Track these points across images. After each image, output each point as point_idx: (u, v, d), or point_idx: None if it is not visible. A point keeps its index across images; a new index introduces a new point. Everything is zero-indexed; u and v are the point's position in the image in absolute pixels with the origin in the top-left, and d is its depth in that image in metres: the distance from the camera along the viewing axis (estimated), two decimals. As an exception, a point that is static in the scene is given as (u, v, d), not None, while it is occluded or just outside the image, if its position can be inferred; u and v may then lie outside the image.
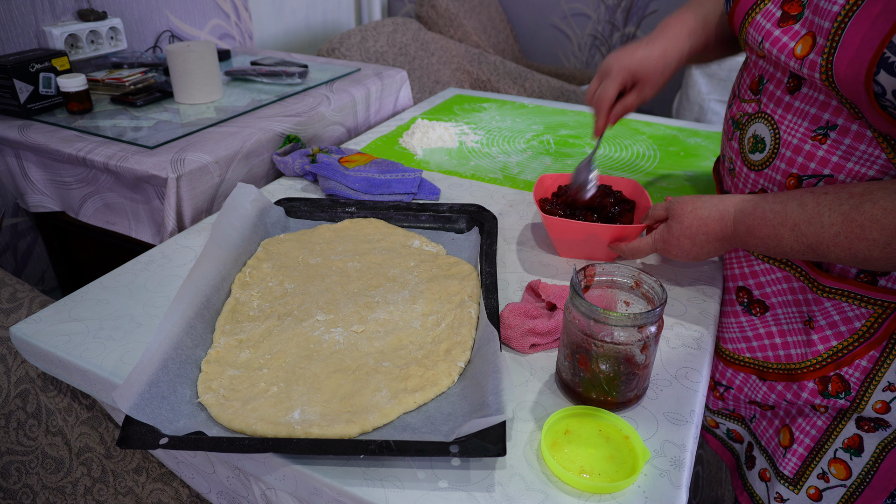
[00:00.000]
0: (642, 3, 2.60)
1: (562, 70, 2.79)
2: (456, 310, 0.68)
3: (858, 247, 0.54)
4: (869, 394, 0.64)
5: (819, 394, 0.67)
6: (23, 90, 1.13)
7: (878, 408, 0.64)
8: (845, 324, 0.64)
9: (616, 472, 0.51)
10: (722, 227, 0.64)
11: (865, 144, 0.56)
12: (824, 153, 0.59)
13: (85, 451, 0.80)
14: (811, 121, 0.60)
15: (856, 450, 0.66)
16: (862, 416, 0.65)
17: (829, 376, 0.66)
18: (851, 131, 0.57)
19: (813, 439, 0.69)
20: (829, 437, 0.68)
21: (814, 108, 0.60)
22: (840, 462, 0.67)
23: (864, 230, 0.53)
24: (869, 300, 0.62)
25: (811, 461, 0.69)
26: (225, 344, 0.63)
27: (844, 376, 0.65)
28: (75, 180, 1.10)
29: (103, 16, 1.43)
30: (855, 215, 0.53)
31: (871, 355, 0.63)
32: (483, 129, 1.30)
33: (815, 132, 0.60)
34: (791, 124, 0.62)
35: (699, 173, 1.09)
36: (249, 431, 0.52)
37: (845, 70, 0.51)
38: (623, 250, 0.75)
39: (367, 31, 2.00)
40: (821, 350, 0.66)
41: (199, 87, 1.24)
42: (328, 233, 0.84)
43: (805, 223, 0.57)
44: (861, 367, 0.64)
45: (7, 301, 0.82)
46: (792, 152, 0.62)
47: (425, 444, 0.51)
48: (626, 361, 0.55)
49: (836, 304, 0.64)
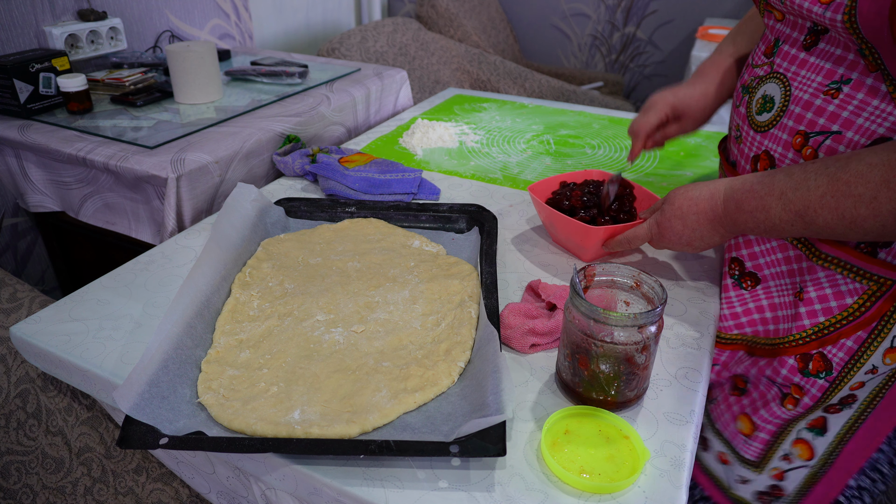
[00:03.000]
0: (642, 3, 2.60)
1: (562, 70, 2.79)
2: (456, 310, 0.68)
3: (845, 205, 0.53)
4: (851, 375, 0.63)
5: (798, 371, 0.66)
6: (23, 90, 1.13)
7: (853, 386, 0.63)
8: (836, 298, 0.63)
9: (616, 472, 0.51)
10: (712, 205, 0.64)
11: (878, 100, 0.56)
12: (835, 108, 0.59)
13: (85, 451, 0.80)
14: (825, 75, 0.60)
15: (819, 429, 0.66)
16: (832, 405, 0.65)
17: (810, 354, 0.65)
18: (865, 85, 0.57)
19: (777, 426, 0.68)
20: (793, 424, 0.67)
21: (829, 62, 0.59)
22: (803, 442, 0.67)
23: (850, 186, 0.52)
24: (865, 274, 0.61)
25: (774, 444, 0.69)
26: (225, 344, 0.63)
27: (827, 355, 0.64)
28: (75, 180, 1.10)
29: (103, 16, 1.43)
30: (840, 174, 0.53)
31: (858, 336, 0.62)
32: (483, 129, 1.30)
33: (829, 86, 0.59)
34: (804, 80, 0.62)
35: (699, 173, 1.09)
36: (249, 431, 0.52)
37: (869, 8, 0.51)
38: (619, 240, 0.75)
39: (367, 31, 2.01)
40: (806, 325, 0.65)
41: (199, 87, 1.24)
42: (328, 233, 0.84)
43: (792, 189, 0.57)
44: (846, 347, 0.63)
45: (7, 301, 0.82)
46: (802, 108, 0.62)
47: (425, 444, 0.51)
48: (626, 361, 0.55)
49: (830, 275, 0.63)
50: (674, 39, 2.62)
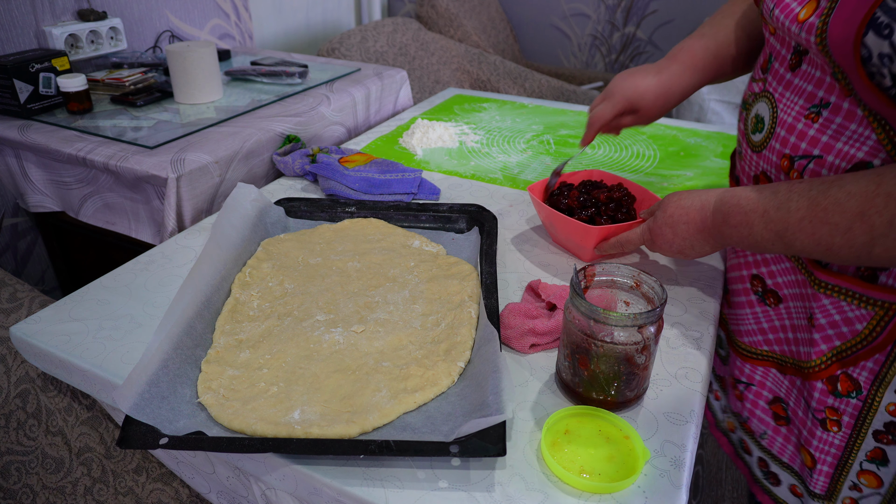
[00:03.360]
0: (642, 3, 2.60)
1: (562, 70, 2.79)
2: (456, 310, 0.68)
3: (821, 232, 0.52)
4: (880, 395, 0.62)
5: (830, 393, 0.65)
6: (23, 90, 1.13)
7: (891, 410, 0.62)
8: (846, 325, 0.62)
9: (616, 472, 0.51)
10: (702, 216, 0.64)
11: (856, 124, 0.55)
12: (815, 132, 0.58)
13: (85, 451, 0.80)
14: (807, 98, 0.59)
15: (881, 461, 0.64)
16: (878, 430, 0.63)
17: (836, 375, 0.64)
18: (843, 109, 0.56)
19: (835, 457, 0.67)
20: (850, 453, 0.66)
21: (811, 84, 0.58)
22: (869, 473, 0.65)
23: (827, 213, 0.52)
24: (868, 300, 0.60)
25: (839, 475, 0.67)
26: (225, 344, 0.63)
27: (853, 375, 0.63)
28: (75, 180, 1.10)
29: (103, 16, 1.43)
30: (820, 199, 0.52)
31: (877, 359, 0.61)
32: (483, 129, 1.30)
33: (809, 110, 0.59)
34: (788, 102, 0.61)
35: (699, 173, 1.09)
36: (249, 431, 0.52)
37: (839, 31, 0.50)
38: (612, 243, 0.75)
39: (367, 31, 2.00)
40: (824, 350, 0.64)
41: (199, 87, 1.24)
42: (328, 233, 0.84)
43: (774, 209, 0.56)
44: (868, 368, 0.62)
45: (7, 301, 0.82)
46: (786, 131, 0.61)
47: (425, 444, 0.51)
48: (626, 361, 0.55)
49: (834, 302, 0.62)
50: (674, 39, 2.62)
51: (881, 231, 0.49)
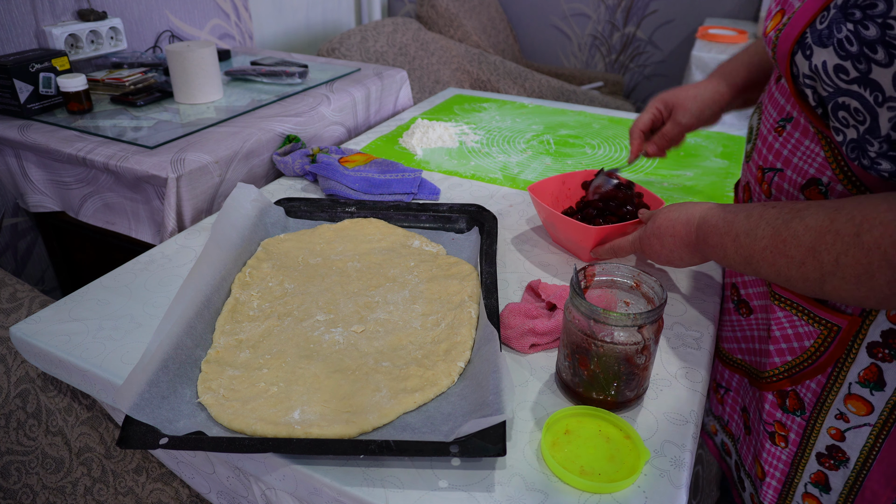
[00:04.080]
0: (642, 3, 2.60)
1: (562, 70, 2.79)
2: (456, 310, 0.68)
3: (780, 263, 0.52)
4: (822, 417, 0.62)
5: (779, 407, 0.65)
6: (23, 90, 1.13)
7: (832, 433, 0.62)
8: (797, 340, 0.62)
9: (616, 472, 0.51)
10: (687, 231, 0.64)
11: (808, 139, 0.55)
12: (779, 145, 0.59)
13: (85, 451, 0.80)
14: (778, 111, 0.60)
15: (823, 486, 0.64)
16: (821, 453, 0.63)
17: (786, 391, 0.64)
18: (800, 124, 0.56)
19: (783, 472, 0.67)
20: (796, 471, 0.66)
21: (783, 98, 0.59)
22: (812, 497, 0.66)
23: (786, 246, 0.51)
24: (816, 318, 0.59)
25: (787, 492, 0.68)
26: (225, 344, 0.63)
27: (799, 394, 0.63)
28: (75, 180, 1.10)
29: (103, 16, 1.43)
30: (782, 230, 0.52)
31: (818, 380, 0.61)
32: (483, 129, 1.30)
33: (779, 123, 0.59)
34: (767, 114, 0.62)
35: (699, 173, 1.09)
36: (249, 431, 0.52)
37: (781, 47, 0.51)
38: (606, 249, 0.76)
39: (367, 31, 2.01)
40: (777, 363, 0.64)
41: (199, 87, 1.24)
42: (328, 233, 0.84)
43: (744, 234, 0.56)
44: (812, 388, 0.62)
45: (7, 301, 0.82)
46: (761, 143, 0.62)
47: (425, 444, 0.51)
48: (626, 361, 0.55)
49: (788, 316, 0.62)
50: (674, 39, 2.62)
51: (829, 269, 0.48)
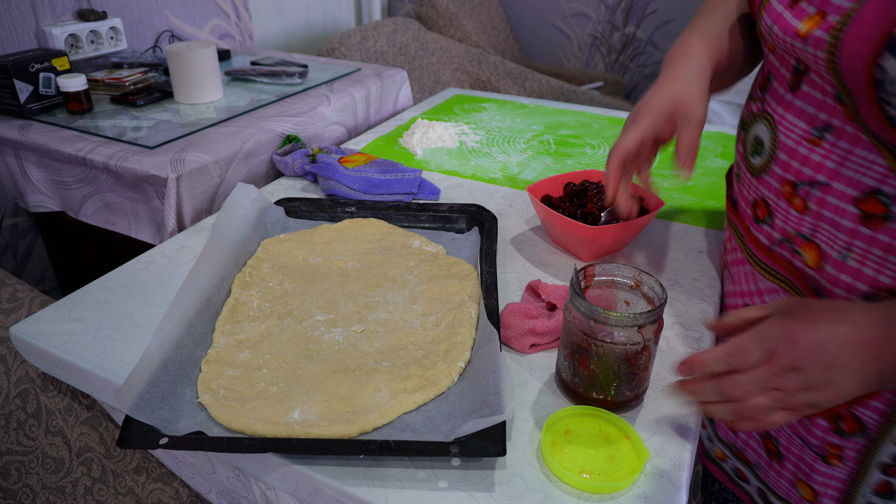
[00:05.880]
0: (642, 3, 2.60)
1: (562, 70, 2.79)
2: (456, 310, 0.68)
3: None
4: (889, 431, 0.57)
5: (832, 432, 0.60)
6: (23, 90, 1.13)
7: None
8: None
9: (616, 472, 0.51)
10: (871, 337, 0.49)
11: (861, 148, 0.52)
12: (820, 158, 0.55)
13: (85, 451, 0.80)
14: (808, 121, 0.56)
15: (888, 494, 0.60)
16: (885, 462, 0.59)
17: (841, 413, 0.59)
18: (847, 133, 0.53)
19: (839, 490, 0.63)
20: (856, 487, 0.62)
21: (812, 106, 0.55)
22: None
23: None
24: None
25: None
26: (225, 344, 0.63)
27: (858, 415, 0.58)
28: (75, 180, 1.10)
29: (103, 16, 1.43)
30: None
31: (887, 398, 0.56)
32: (483, 129, 1.30)
33: (811, 134, 0.56)
34: (789, 125, 0.58)
35: (699, 173, 1.09)
36: (249, 431, 0.52)
37: (853, 48, 0.47)
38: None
39: (367, 31, 2.01)
40: None
41: (199, 87, 1.24)
42: (328, 233, 0.84)
43: None
44: (878, 409, 0.57)
45: (7, 301, 0.82)
46: (787, 156, 0.58)
47: (425, 444, 0.51)
48: (625, 361, 0.55)
49: None
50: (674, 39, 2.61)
51: None
